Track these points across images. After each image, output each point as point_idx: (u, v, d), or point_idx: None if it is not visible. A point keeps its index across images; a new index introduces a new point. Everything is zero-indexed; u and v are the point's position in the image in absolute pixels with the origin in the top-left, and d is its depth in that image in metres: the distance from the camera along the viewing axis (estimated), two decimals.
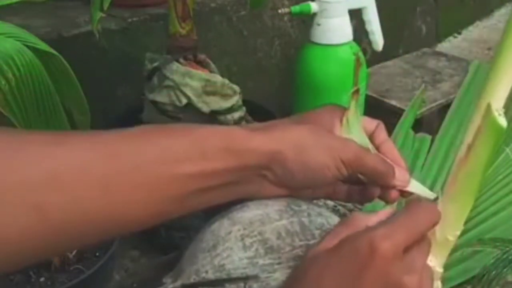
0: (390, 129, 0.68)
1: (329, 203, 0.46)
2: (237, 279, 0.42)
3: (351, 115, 0.48)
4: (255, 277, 0.41)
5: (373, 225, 0.39)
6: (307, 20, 1.31)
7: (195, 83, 1.01)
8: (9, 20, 0.80)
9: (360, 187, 0.49)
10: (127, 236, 1.03)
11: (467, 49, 2.18)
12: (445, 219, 0.43)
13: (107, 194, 0.38)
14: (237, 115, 1.06)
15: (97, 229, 0.39)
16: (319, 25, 1.21)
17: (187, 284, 0.42)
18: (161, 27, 1.26)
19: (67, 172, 0.36)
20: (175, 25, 1.06)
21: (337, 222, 0.46)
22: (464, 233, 0.53)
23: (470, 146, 0.41)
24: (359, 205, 0.65)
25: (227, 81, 1.05)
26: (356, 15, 1.28)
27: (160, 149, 0.40)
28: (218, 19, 1.42)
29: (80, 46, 1.19)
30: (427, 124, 1.46)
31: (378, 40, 1.28)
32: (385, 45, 1.30)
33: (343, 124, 0.48)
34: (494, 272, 0.49)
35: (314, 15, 1.20)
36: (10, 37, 0.71)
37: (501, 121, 0.40)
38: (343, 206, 0.64)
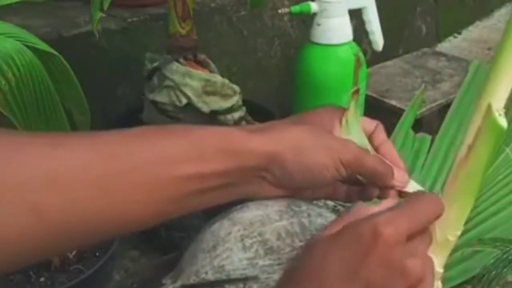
0: (390, 129, 0.68)
1: (329, 203, 0.46)
2: (237, 280, 0.41)
3: (350, 115, 0.48)
4: (254, 278, 0.41)
5: (376, 213, 0.39)
6: (307, 20, 1.31)
7: (195, 83, 1.01)
8: (9, 20, 0.80)
9: (359, 187, 0.49)
10: (127, 236, 1.02)
11: (467, 49, 2.18)
12: (445, 219, 0.43)
13: (106, 194, 0.38)
14: (237, 115, 1.06)
15: (96, 229, 0.39)
16: (319, 25, 1.21)
17: (187, 284, 0.42)
18: (161, 27, 1.26)
19: (67, 172, 0.37)
20: (175, 25, 1.06)
21: None
22: (464, 233, 0.53)
23: (470, 146, 0.41)
24: None
25: (227, 81, 1.05)
26: (356, 15, 1.28)
27: (159, 150, 0.40)
28: (218, 19, 1.42)
29: (80, 46, 1.19)
30: (427, 124, 1.46)
31: (378, 40, 1.28)
32: (385, 45, 1.30)
33: (343, 124, 0.48)
34: (494, 272, 0.49)
35: (314, 15, 1.20)
36: (10, 37, 0.71)
37: (502, 121, 0.40)
38: (343, 206, 0.64)
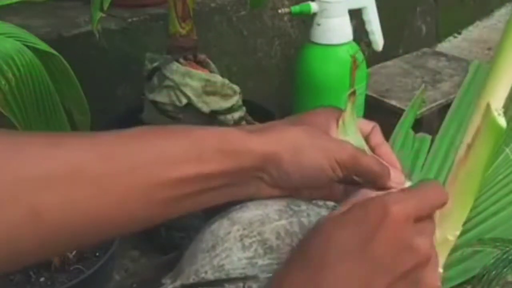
0: (390, 129, 0.68)
1: (328, 203, 0.46)
2: (236, 279, 0.41)
3: (347, 116, 0.48)
4: (254, 278, 0.41)
5: (385, 193, 0.40)
6: (307, 20, 1.31)
7: (195, 83, 1.01)
8: (9, 20, 0.80)
9: (356, 188, 0.49)
10: (127, 236, 1.02)
11: (467, 49, 2.18)
12: (445, 219, 0.43)
13: (105, 194, 0.38)
14: (237, 115, 1.06)
15: (96, 229, 0.39)
16: (319, 25, 1.21)
17: (187, 284, 0.42)
18: (161, 27, 1.26)
19: (66, 172, 0.37)
20: (175, 25, 1.06)
21: None
22: (464, 233, 0.53)
23: (470, 146, 0.41)
24: None
25: (227, 81, 1.05)
26: (356, 15, 1.28)
27: (158, 151, 0.40)
28: (218, 19, 1.42)
29: (80, 46, 1.19)
30: (427, 124, 1.46)
31: (378, 40, 1.28)
32: (385, 45, 1.30)
33: (339, 125, 0.48)
34: (494, 272, 0.49)
35: (314, 15, 1.21)
36: (10, 37, 0.71)
37: (501, 121, 0.40)
38: None
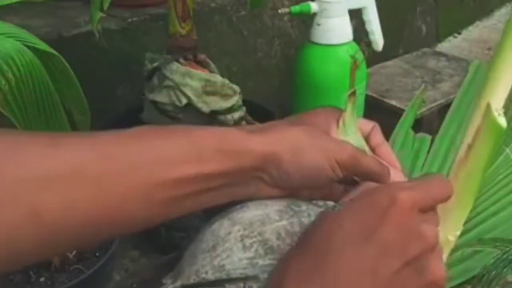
0: (390, 129, 0.68)
1: (329, 203, 0.46)
2: (237, 280, 0.41)
3: (347, 117, 0.48)
4: (254, 278, 0.41)
5: (391, 182, 0.41)
6: (307, 20, 1.31)
7: (195, 83, 1.01)
8: (9, 20, 0.80)
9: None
10: (127, 236, 1.03)
11: (467, 49, 2.18)
12: (445, 219, 0.43)
13: (105, 194, 0.38)
14: (237, 115, 1.06)
15: (96, 229, 0.39)
16: (319, 25, 1.21)
17: (187, 284, 0.42)
18: (161, 27, 1.26)
19: (66, 172, 0.36)
20: (175, 25, 1.06)
21: None
22: (464, 233, 0.53)
23: (470, 146, 0.42)
24: None
25: (227, 81, 1.04)
26: (356, 15, 1.28)
27: (158, 151, 0.40)
28: (218, 19, 1.42)
29: (80, 46, 1.19)
30: (427, 124, 1.46)
31: (378, 40, 1.28)
32: (385, 45, 1.30)
33: (339, 126, 0.48)
34: (494, 272, 0.49)
35: (314, 15, 1.20)
36: (10, 37, 0.71)
37: (501, 121, 0.40)
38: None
